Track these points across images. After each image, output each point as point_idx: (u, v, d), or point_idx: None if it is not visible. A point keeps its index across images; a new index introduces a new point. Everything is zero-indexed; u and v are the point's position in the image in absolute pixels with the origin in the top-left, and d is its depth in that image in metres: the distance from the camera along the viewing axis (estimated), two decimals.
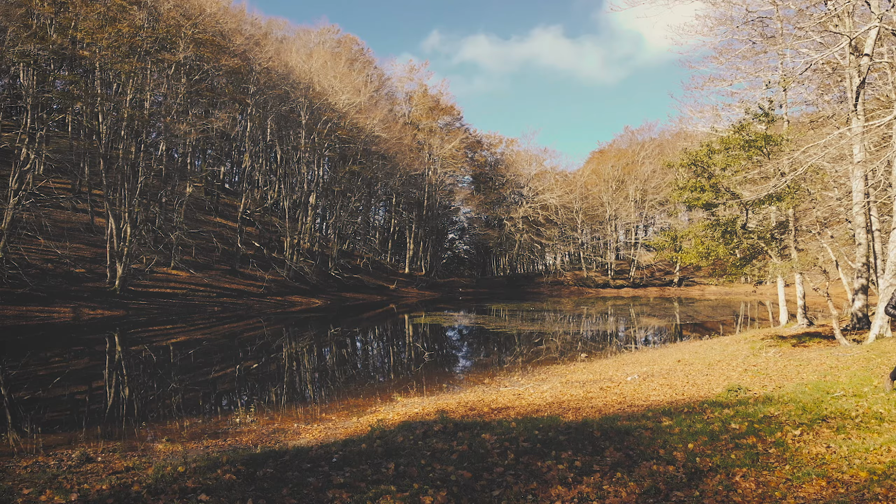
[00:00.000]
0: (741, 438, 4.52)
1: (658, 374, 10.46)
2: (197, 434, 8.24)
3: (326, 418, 8.93)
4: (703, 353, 12.59)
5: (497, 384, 11.46)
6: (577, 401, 8.33)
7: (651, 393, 8.58)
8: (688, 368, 10.50)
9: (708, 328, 24.97)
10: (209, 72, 36.26)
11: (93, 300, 27.94)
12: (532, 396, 9.10)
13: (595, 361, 14.22)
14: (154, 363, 14.87)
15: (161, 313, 28.66)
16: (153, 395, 11.19)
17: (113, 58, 29.83)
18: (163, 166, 34.90)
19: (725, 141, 10.26)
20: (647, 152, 67.64)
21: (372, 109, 47.32)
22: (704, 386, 8.68)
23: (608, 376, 10.99)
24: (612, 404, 7.82)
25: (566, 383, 10.54)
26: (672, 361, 11.70)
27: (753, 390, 6.97)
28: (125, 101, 31.24)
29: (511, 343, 19.16)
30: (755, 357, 10.70)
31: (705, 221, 10.89)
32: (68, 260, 29.22)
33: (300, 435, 7.86)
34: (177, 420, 9.14)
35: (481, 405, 8.55)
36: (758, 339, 14.32)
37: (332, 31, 57.18)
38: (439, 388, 11.31)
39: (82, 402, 10.78)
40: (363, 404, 9.85)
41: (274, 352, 16.91)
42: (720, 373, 9.68)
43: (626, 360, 13.45)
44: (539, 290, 63.46)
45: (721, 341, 15.19)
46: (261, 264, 38.87)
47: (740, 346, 12.37)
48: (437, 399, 9.82)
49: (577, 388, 9.69)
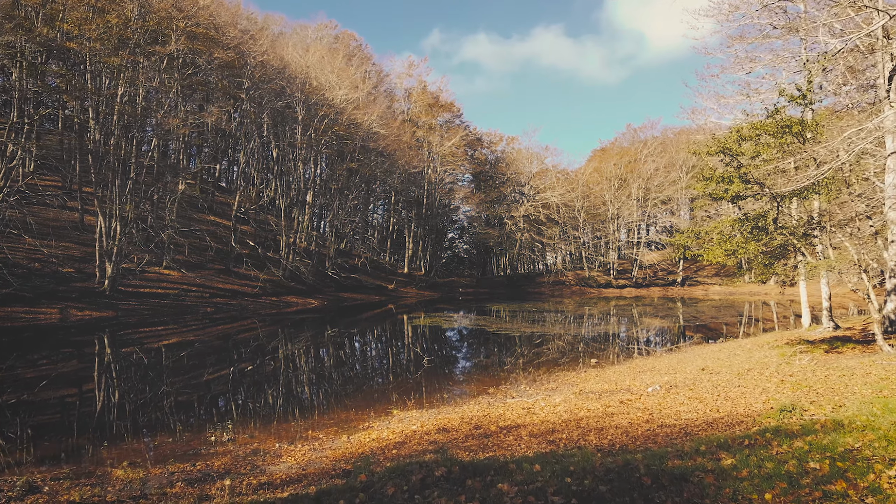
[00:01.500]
0: (827, 484, 3.54)
1: (682, 384, 9.46)
2: (165, 456, 7.24)
3: (313, 436, 7.92)
4: (727, 359, 11.60)
5: (503, 394, 10.46)
6: (596, 418, 7.32)
7: (680, 409, 7.57)
8: (714, 378, 9.50)
9: (720, 330, 23.98)
10: (202, 66, 35.25)
11: (81, 301, 26.95)
12: (544, 411, 8.09)
13: (606, 368, 13.22)
14: (138, 368, 13.86)
15: (152, 314, 27.69)
16: (129, 405, 10.19)
17: (102, 51, 28.78)
18: (153, 163, 33.85)
19: (757, 127, 9.27)
20: (649, 150, 66.65)
21: (370, 106, 46.29)
22: (740, 401, 7.68)
23: (625, 386, 10.00)
24: (639, 423, 6.82)
25: (580, 394, 9.54)
26: (694, 369, 10.70)
27: (810, 410, 5.98)
28: (116, 96, 30.20)
29: (514, 346, 18.16)
30: (788, 365, 9.71)
31: (732, 216, 9.92)
32: (55, 259, 28.20)
33: (280, 458, 6.85)
34: (147, 437, 8.14)
35: (488, 422, 7.55)
36: (781, 342, 13.32)
37: (329, 26, 56.16)
38: (440, 398, 10.32)
39: (49, 414, 9.78)
40: (356, 419, 8.84)
41: (265, 355, 15.90)
42: (753, 384, 8.68)
43: (642, 367, 12.44)
44: (540, 290, 62.45)
45: (741, 345, 14.19)
46: (256, 264, 37.86)
47: (767, 353, 11.37)
48: (438, 413, 8.82)
49: (593, 401, 8.70)
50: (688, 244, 10.14)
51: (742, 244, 9.30)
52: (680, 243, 10.26)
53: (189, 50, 33.98)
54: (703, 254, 10.25)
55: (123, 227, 30.00)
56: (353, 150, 45.27)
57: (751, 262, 10.52)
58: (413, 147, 53.36)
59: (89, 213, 32.78)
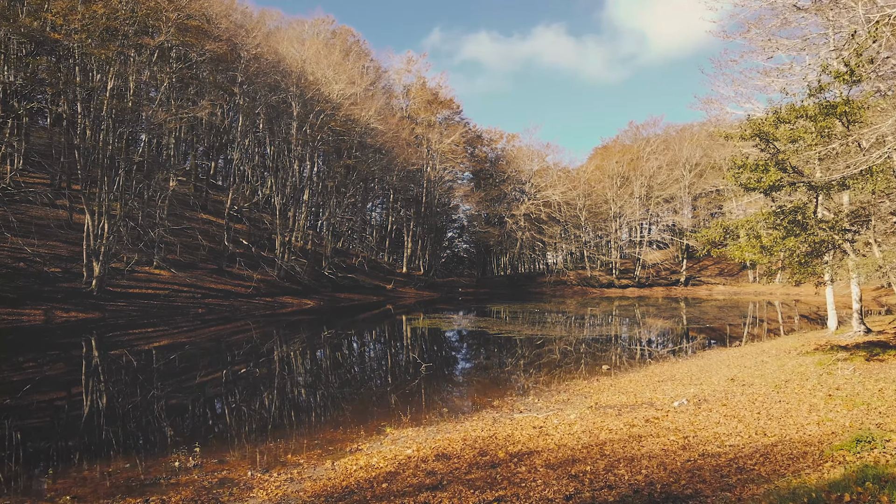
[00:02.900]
0: None
1: (712, 397, 8.40)
2: (117, 487, 6.17)
3: (293, 461, 6.86)
4: (755, 367, 10.55)
5: (509, 407, 9.39)
6: (622, 442, 6.26)
7: (718, 430, 6.51)
8: (749, 391, 8.44)
9: (732, 333, 22.93)
10: (195, 60, 34.14)
11: (67, 302, 25.91)
12: (559, 432, 7.03)
13: (620, 376, 12.16)
14: (121, 374, 12.79)
15: (141, 315, 26.65)
16: (97, 419, 9.12)
17: (89, 42, 27.67)
18: (142, 158, 32.74)
19: (796, 109, 8.21)
20: (652, 148, 65.56)
21: (367, 101, 45.18)
22: (788, 421, 6.62)
23: (646, 399, 8.93)
24: (675, 450, 5.76)
25: (596, 409, 8.48)
26: (722, 380, 9.64)
27: (893, 441, 4.94)
28: (105, 90, 29.11)
29: (517, 351, 17.10)
30: (830, 376, 8.66)
31: (766, 209, 8.88)
32: (39, 259, 27.12)
33: (251, 492, 5.79)
34: (105, 461, 7.07)
35: (495, 447, 6.49)
36: (810, 348, 12.28)
37: (326, 21, 55.01)
38: (439, 412, 9.25)
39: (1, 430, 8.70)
40: (343, 438, 7.77)
41: (254, 360, 14.82)
42: (797, 399, 7.63)
43: (660, 375, 11.38)
44: (541, 290, 61.38)
45: (765, 351, 13.15)
46: (249, 263, 36.78)
47: (800, 360, 10.33)
48: (437, 432, 7.75)
49: (613, 418, 7.64)
50: (715, 240, 9.12)
51: (779, 240, 8.24)
52: (707, 238, 9.24)
53: (181, 43, 32.90)
54: (733, 252, 9.19)
55: (112, 225, 28.94)
56: (351, 146, 44.17)
57: (783, 260, 9.47)
58: (412, 144, 52.26)
59: (78, 211, 31.71)
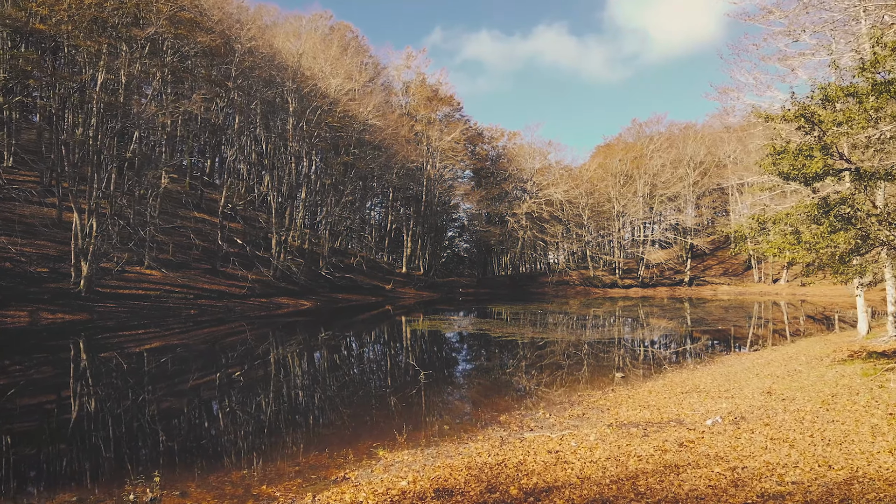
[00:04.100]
0: None
1: (749, 415, 7.38)
2: None
3: (267, 494, 5.84)
4: (788, 376, 9.53)
5: (518, 424, 8.37)
6: (656, 473, 5.24)
7: (769, 458, 5.49)
8: (791, 408, 7.42)
9: (745, 335, 21.92)
10: (188, 53, 33.16)
11: (54, 302, 24.94)
12: (580, 459, 6.00)
13: (637, 385, 11.14)
14: (91, 383, 11.77)
15: (131, 317, 25.67)
16: (57, 436, 8.11)
17: (76, 33, 26.66)
18: (131, 154, 31.70)
19: (845, 88, 7.20)
20: (656, 145, 64.53)
21: (366, 98, 44.14)
22: (852, 448, 5.60)
23: (673, 415, 7.92)
24: (724, 489, 4.74)
25: (617, 427, 7.46)
26: (756, 393, 8.61)
27: None
28: (96, 84, 28.10)
29: (522, 355, 16.09)
30: (883, 390, 7.65)
31: (809, 201, 7.89)
32: (23, 258, 26.13)
33: None
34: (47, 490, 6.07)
35: (505, 478, 5.47)
36: (843, 354, 11.27)
37: (324, 16, 53.93)
38: (439, 429, 8.23)
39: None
40: (328, 464, 6.75)
41: (243, 365, 13.80)
42: (852, 418, 6.61)
43: (682, 385, 10.36)
44: (543, 290, 60.33)
45: (792, 356, 12.13)
46: (244, 263, 35.76)
47: (839, 370, 9.31)
48: (437, 456, 6.73)
49: (639, 440, 6.62)
50: (747, 234, 8.13)
51: (825, 235, 7.23)
52: (740, 233, 8.26)
53: (173, 36, 31.87)
54: (768, 249, 8.17)
55: (101, 223, 27.95)
56: (349, 143, 43.14)
57: (822, 258, 8.44)
58: (411, 141, 51.22)
59: (67, 209, 30.73)
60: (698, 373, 11.86)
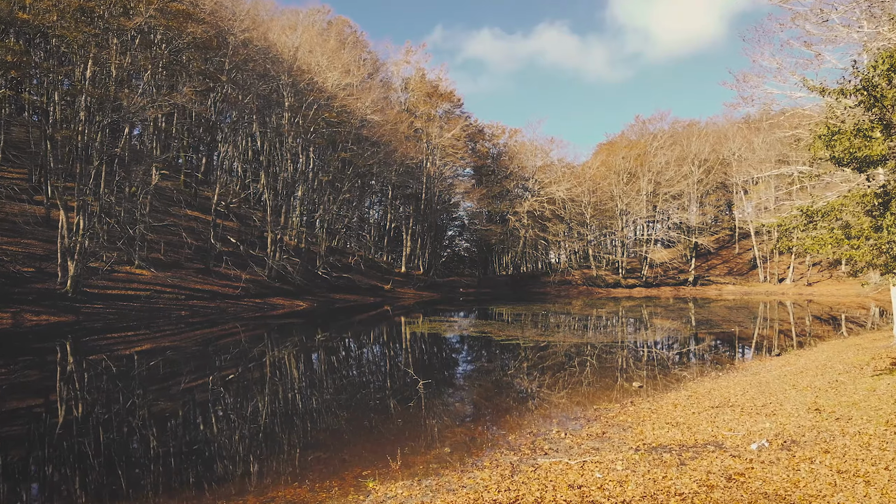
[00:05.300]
0: None
1: (801, 438, 6.33)
2: None
3: None
4: (831, 389, 8.49)
5: (529, 446, 7.32)
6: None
7: (840, 497, 4.46)
8: (850, 430, 6.38)
9: (760, 338, 20.87)
10: (179, 45, 32.08)
11: (39, 304, 23.93)
12: (610, 499, 4.95)
13: (657, 396, 10.10)
14: (71, 390, 10.73)
15: (119, 318, 24.66)
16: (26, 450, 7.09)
17: (61, 23, 25.61)
18: (120, 149, 30.63)
19: None
20: (659, 143, 63.48)
21: (364, 93, 43.07)
22: None
23: (709, 436, 6.88)
24: None
25: (647, 453, 6.42)
26: (800, 409, 7.57)
27: None
28: (84, 76, 27.05)
29: (529, 362, 15.04)
30: None
31: (864, 189, 6.87)
32: (6, 257, 25.10)
33: None
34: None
35: None
36: (884, 362, 10.22)
37: (322, 11, 52.84)
38: (439, 453, 7.18)
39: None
40: (309, 500, 5.70)
41: (231, 370, 12.76)
42: None
43: (709, 398, 9.31)
44: (545, 290, 59.26)
45: (825, 364, 11.09)
46: (238, 263, 34.72)
47: (890, 381, 8.28)
48: (436, 489, 5.68)
49: (675, 471, 5.58)
50: (792, 227, 7.13)
51: (891, 227, 6.19)
52: (784, 227, 7.26)
53: (163, 27, 30.81)
54: (811, 246, 7.12)
55: (88, 221, 26.91)
56: (346, 139, 42.06)
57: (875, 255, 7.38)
58: (411, 138, 50.14)
59: (56, 207, 29.72)
60: (723, 382, 10.82)
